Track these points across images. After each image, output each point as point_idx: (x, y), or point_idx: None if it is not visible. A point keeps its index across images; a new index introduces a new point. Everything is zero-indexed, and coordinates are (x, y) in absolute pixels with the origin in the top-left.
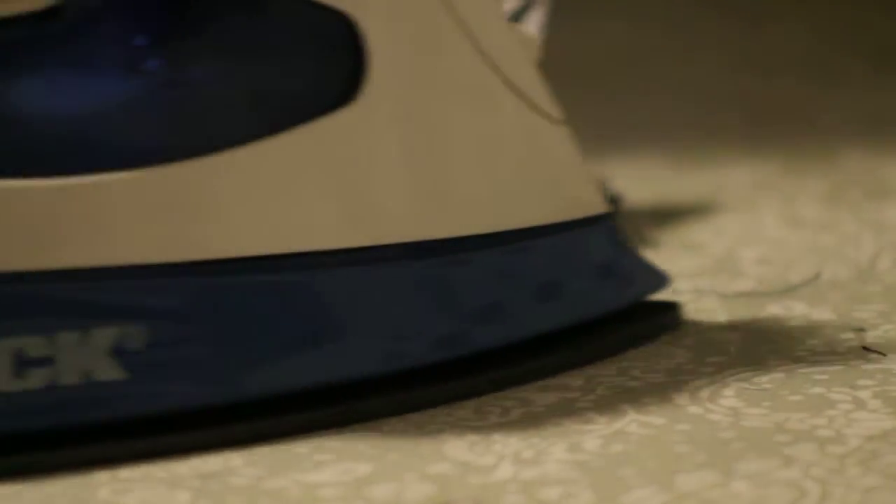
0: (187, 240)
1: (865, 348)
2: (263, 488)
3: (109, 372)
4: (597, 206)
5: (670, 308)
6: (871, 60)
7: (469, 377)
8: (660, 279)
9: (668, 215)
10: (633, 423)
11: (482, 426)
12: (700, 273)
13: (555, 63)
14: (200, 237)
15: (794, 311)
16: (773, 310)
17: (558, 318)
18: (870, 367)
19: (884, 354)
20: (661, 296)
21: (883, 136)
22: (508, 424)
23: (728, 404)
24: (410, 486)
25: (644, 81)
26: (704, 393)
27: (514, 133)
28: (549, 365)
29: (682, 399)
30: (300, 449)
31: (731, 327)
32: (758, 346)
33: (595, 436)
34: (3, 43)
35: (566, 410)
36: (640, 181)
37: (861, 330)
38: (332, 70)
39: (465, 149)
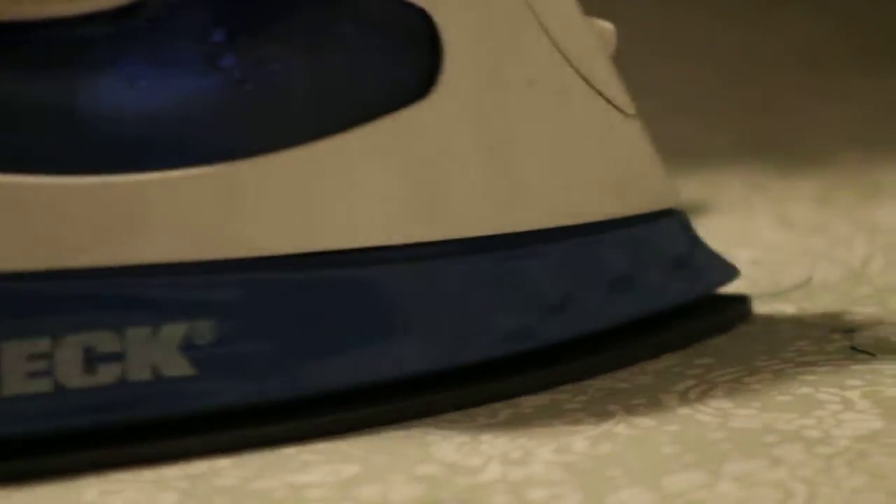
0: (259, 235)
1: (855, 349)
2: (250, 489)
3: (179, 368)
4: (669, 200)
5: (740, 300)
6: (865, 62)
7: (541, 370)
8: (730, 271)
9: None
10: (622, 424)
11: (470, 427)
12: None
13: None
14: (273, 233)
15: (784, 311)
16: (764, 310)
17: (630, 310)
18: (859, 367)
19: (873, 355)
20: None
21: (876, 138)
22: (496, 425)
23: (717, 405)
24: (397, 488)
25: (635, 82)
26: (693, 394)
27: (588, 126)
28: (624, 356)
29: (670, 400)
30: (287, 450)
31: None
32: (747, 347)
33: (583, 437)
34: (83, 40)
35: (554, 411)
36: None
37: (851, 331)
38: (407, 65)
39: (537, 142)
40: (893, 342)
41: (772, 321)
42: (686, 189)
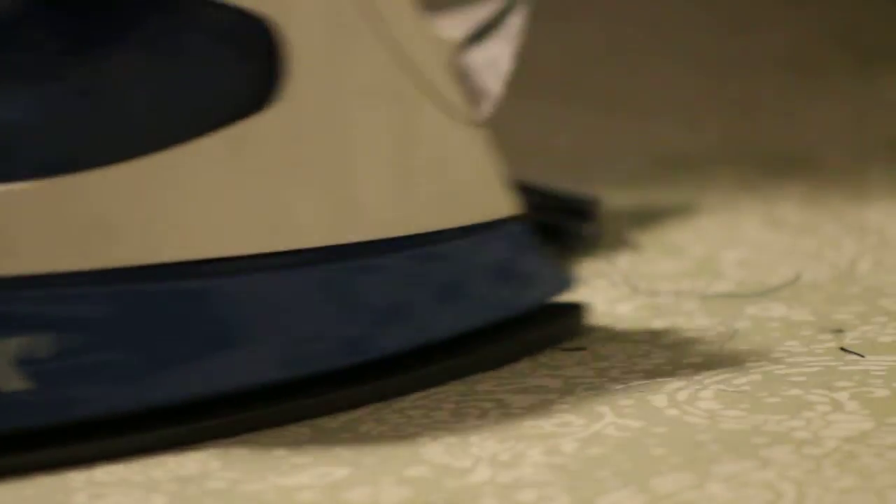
0: (96, 248)
1: (844, 350)
2: (240, 492)
3: (14, 383)
4: (507, 209)
5: (574, 311)
6: (853, 63)
7: (371, 382)
8: (564, 281)
9: (648, 218)
10: (611, 425)
11: (459, 428)
12: (680, 275)
13: (535, 66)
14: (110, 245)
15: (773, 312)
16: (752, 311)
17: (466, 321)
18: (848, 368)
19: (862, 356)
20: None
21: (864, 138)
22: (485, 426)
23: (705, 406)
24: (387, 490)
25: (623, 84)
26: (682, 395)
27: (425, 136)
28: (457, 367)
29: (659, 401)
30: (278, 452)
31: (710, 329)
32: (736, 348)
33: (572, 438)
34: None
35: (543, 412)
36: (619, 184)
37: (839, 331)
38: (249, 75)
39: (375, 152)
40: (882, 343)
41: (761, 322)
42: (674, 190)
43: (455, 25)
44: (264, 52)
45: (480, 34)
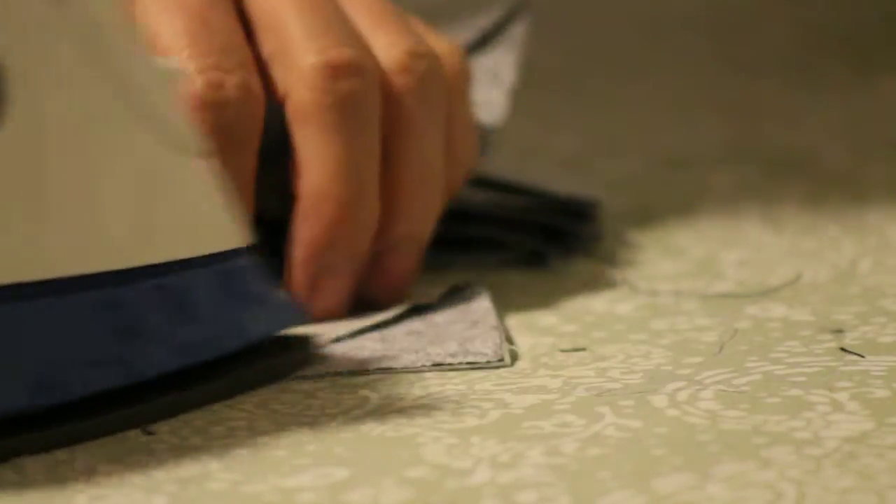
0: None
1: (844, 350)
2: (241, 493)
3: None
4: (235, 240)
5: (298, 346)
6: (853, 62)
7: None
8: (292, 316)
9: (648, 219)
10: (611, 426)
11: (460, 429)
12: (680, 276)
13: (535, 66)
14: None
15: (773, 312)
16: (752, 311)
17: (180, 356)
18: (848, 368)
19: (862, 356)
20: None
21: (864, 138)
22: (486, 427)
23: (706, 407)
24: (387, 491)
25: (623, 85)
26: (682, 395)
27: (148, 166)
28: (172, 403)
29: (659, 401)
30: (278, 453)
31: (710, 329)
32: (736, 348)
33: (573, 439)
34: None
35: (544, 413)
36: (619, 184)
37: (839, 331)
38: None
39: (95, 183)
40: (882, 343)
41: (761, 322)
42: (674, 191)
43: (457, 34)
44: None
45: (482, 43)
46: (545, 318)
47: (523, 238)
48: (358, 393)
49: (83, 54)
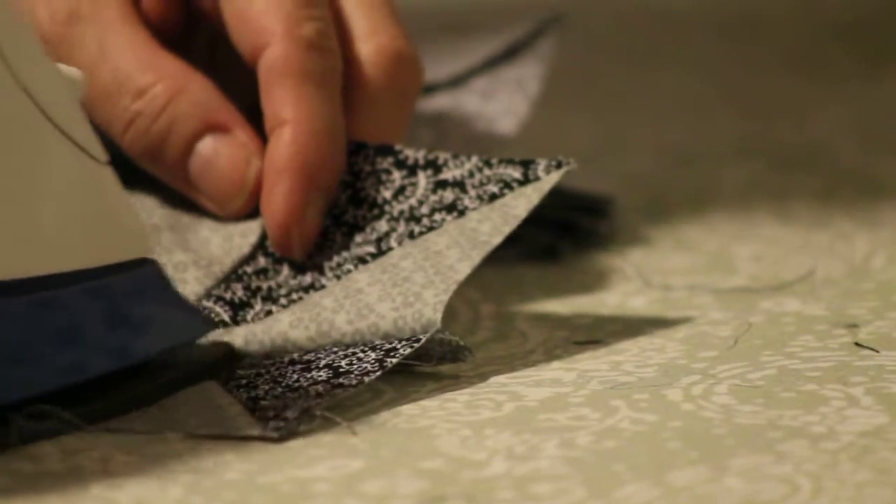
0: None
1: (858, 345)
2: (257, 483)
3: None
4: (141, 249)
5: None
6: (864, 57)
7: None
8: (203, 325)
9: (661, 214)
10: (626, 419)
11: (474, 421)
12: (694, 270)
13: (549, 61)
14: None
15: (787, 307)
16: (766, 306)
17: (88, 367)
18: (862, 363)
19: (876, 351)
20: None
21: (876, 132)
22: (501, 419)
23: (720, 402)
24: (403, 482)
25: (636, 82)
26: (697, 389)
27: (52, 173)
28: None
29: (674, 395)
30: (293, 443)
31: (724, 323)
32: (750, 342)
33: (588, 432)
34: None
35: (558, 405)
36: (632, 181)
37: (854, 326)
38: None
39: (12, 192)
40: None
41: (775, 316)
42: (686, 186)
43: (487, 45)
44: None
45: (511, 53)
46: (559, 311)
47: (537, 232)
48: (373, 385)
49: None
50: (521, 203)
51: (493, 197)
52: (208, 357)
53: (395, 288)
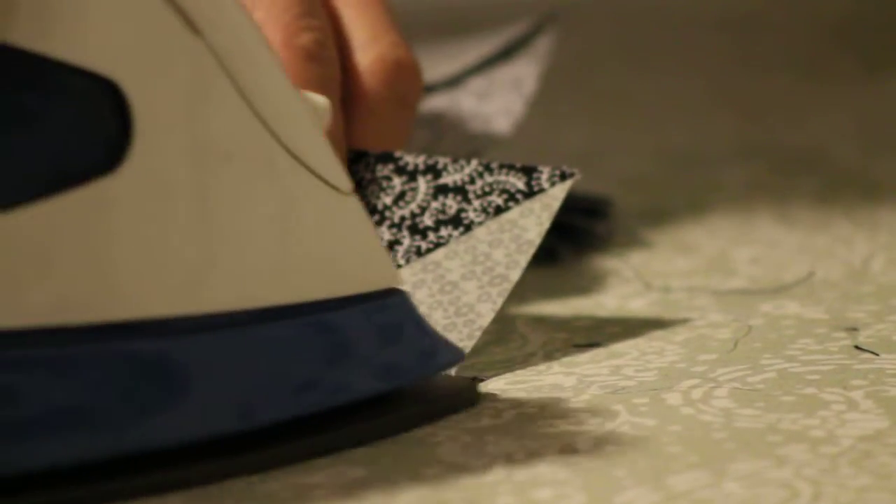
0: None
1: (858, 348)
2: (257, 490)
3: None
4: (389, 280)
5: (466, 387)
6: (864, 59)
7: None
8: (455, 354)
9: (660, 216)
10: (626, 424)
11: (475, 427)
12: (693, 272)
13: (546, 66)
14: None
15: (787, 310)
16: (766, 308)
17: (347, 392)
18: (862, 367)
19: (876, 354)
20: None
21: (876, 134)
22: (501, 426)
23: (720, 405)
24: (403, 489)
25: (634, 84)
26: (696, 393)
27: (297, 204)
28: (333, 440)
29: (674, 399)
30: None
31: (724, 325)
32: (750, 346)
33: (587, 437)
34: None
35: (558, 411)
36: (631, 181)
37: (854, 329)
38: (96, 136)
39: (238, 219)
40: None
41: (775, 319)
42: (686, 188)
43: (483, 45)
44: (113, 111)
45: (507, 52)
46: (558, 314)
47: None
48: None
49: (220, 85)
50: (532, 225)
51: (499, 210)
52: (454, 389)
53: None
